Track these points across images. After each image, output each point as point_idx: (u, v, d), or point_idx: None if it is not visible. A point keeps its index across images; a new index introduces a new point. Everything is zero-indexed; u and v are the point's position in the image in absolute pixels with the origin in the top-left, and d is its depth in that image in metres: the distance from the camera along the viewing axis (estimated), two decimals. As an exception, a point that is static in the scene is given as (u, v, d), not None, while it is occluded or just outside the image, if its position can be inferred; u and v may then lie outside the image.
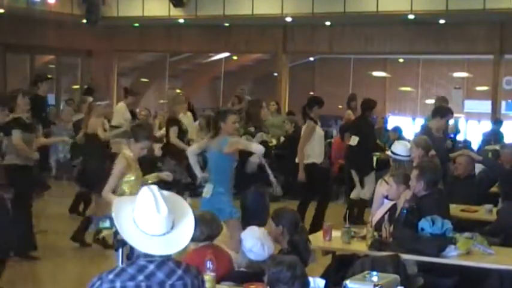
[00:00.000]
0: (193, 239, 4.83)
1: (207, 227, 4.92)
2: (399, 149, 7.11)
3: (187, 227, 3.14)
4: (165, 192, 3.15)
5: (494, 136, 13.43)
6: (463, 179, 8.24)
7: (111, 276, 3.03)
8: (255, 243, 4.73)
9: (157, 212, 3.03)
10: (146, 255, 3.06)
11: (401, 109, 23.20)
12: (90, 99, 10.13)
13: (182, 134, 10.43)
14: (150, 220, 3.04)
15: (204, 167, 7.63)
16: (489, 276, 5.52)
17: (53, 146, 12.84)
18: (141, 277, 3.02)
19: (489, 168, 8.80)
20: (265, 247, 4.76)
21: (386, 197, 6.61)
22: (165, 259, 3.07)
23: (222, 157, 6.96)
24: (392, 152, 7.14)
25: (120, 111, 12.05)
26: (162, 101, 21.79)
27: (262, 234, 4.85)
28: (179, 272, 3.09)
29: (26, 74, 18.33)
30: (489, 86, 17.06)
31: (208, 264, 4.36)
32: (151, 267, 3.04)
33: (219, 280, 4.51)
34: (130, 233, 3.05)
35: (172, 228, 3.08)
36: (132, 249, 3.16)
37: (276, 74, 17.75)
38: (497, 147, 11.88)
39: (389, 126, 15.78)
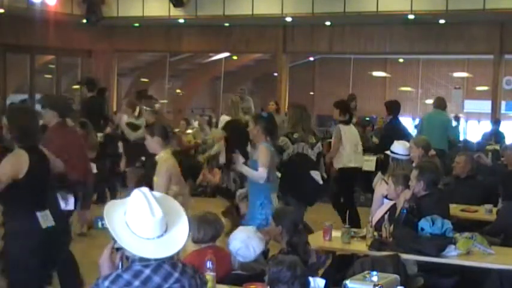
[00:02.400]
0: (197, 241, 4.85)
1: (212, 227, 4.92)
2: (398, 148, 7.18)
3: (181, 229, 3.09)
4: (157, 194, 3.10)
5: (495, 136, 13.43)
6: (464, 179, 8.24)
7: (106, 283, 2.98)
8: (240, 246, 4.74)
9: (151, 214, 2.98)
10: (141, 259, 3.02)
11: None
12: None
13: None
14: (143, 223, 2.99)
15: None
16: (489, 276, 5.52)
17: None
18: (137, 282, 2.98)
19: (494, 172, 8.82)
20: (250, 248, 4.75)
21: (386, 197, 6.62)
22: (160, 262, 3.03)
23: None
24: (391, 152, 7.20)
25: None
26: (162, 101, 21.81)
27: (247, 234, 4.83)
28: (176, 274, 3.05)
29: (26, 74, 18.33)
30: (489, 86, 17.06)
31: (209, 264, 4.37)
32: (147, 271, 3.00)
33: (218, 281, 4.51)
34: (124, 236, 2.99)
35: (166, 230, 3.03)
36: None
37: (276, 74, 17.75)
38: (497, 147, 11.90)
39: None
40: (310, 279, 4.09)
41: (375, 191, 7.09)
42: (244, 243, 4.72)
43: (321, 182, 8.15)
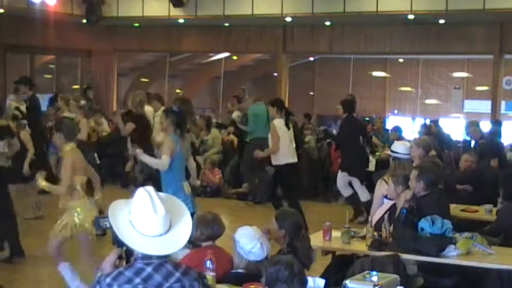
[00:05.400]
0: (193, 239, 4.85)
1: (208, 228, 4.92)
2: (399, 147, 7.23)
3: (184, 228, 3.14)
4: (161, 194, 3.16)
5: (494, 136, 13.39)
6: (465, 178, 8.26)
7: (108, 280, 3.03)
8: (255, 244, 4.72)
9: (154, 212, 3.03)
10: (144, 258, 3.06)
11: (401, 109, 23.23)
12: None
13: None
14: (146, 221, 3.04)
15: None
16: (489, 276, 5.52)
17: None
18: (138, 280, 3.02)
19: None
20: (264, 247, 4.77)
21: (386, 197, 6.63)
22: (162, 261, 3.07)
23: None
24: (392, 151, 7.24)
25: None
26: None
27: (258, 233, 4.84)
28: (177, 274, 3.08)
29: (26, 74, 18.31)
30: (489, 86, 17.05)
31: (208, 264, 4.37)
32: (149, 269, 3.04)
33: (217, 281, 4.51)
34: (128, 234, 3.05)
35: (169, 229, 3.08)
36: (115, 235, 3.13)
37: (276, 74, 17.74)
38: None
39: (389, 126, 15.78)
40: (310, 279, 4.09)
41: (374, 191, 7.10)
42: (259, 241, 4.73)
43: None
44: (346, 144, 11.04)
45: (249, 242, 4.72)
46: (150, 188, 3.11)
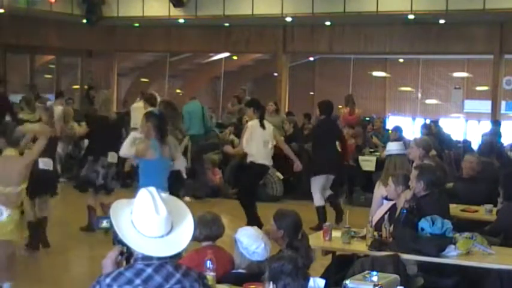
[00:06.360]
0: (192, 239, 4.86)
1: (206, 228, 4.92)
2: (390, 145, 7.53)
3: (186, 229, 3.12)
4: (164, 195, 3.14)
5: (494, 136, 13.40)
6: (467, 179, 8.26)
7: (108, 280, 3.02)
8: (259, 244, 4.72)
9: (156, 213, 3.01)
10: (144, 258, 3.04)
11: (401, 109, 23.23)
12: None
13: None
14: (148, 221, 3.02)
15: None
16: (489, 276, 5.52)
17: None
18: (138, 281, 3.01)
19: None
20: (267, 247, 4.77)
21: (386, 198, 6.64)
22: (163, 262, 3.05)
23: None
24: (386, 151, 7.47)
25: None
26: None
27: (260, 233, 4.84)
28: (177, 275, 3.07)
29: (26, 74, 18.34)
30: (489, 86, 17.06)
31: (209, 264, 4.37)
32: (149, 270, 3.03)
33: (217, 281, 4.50)
34: (129, 235, 3.03)
35: (171, 230, 3.06)
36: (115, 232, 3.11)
37: (276, 74, 17.75)
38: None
39: (389, 126, 15.78)
40: (310, 279, 4.09)
41: (373, 193, 7.15)
42: (263, 242, 4.73)
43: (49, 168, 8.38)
44: (317, 147, 10.72)
45: (253, 242, 4.72)
46: (152, 189, 3.09)
